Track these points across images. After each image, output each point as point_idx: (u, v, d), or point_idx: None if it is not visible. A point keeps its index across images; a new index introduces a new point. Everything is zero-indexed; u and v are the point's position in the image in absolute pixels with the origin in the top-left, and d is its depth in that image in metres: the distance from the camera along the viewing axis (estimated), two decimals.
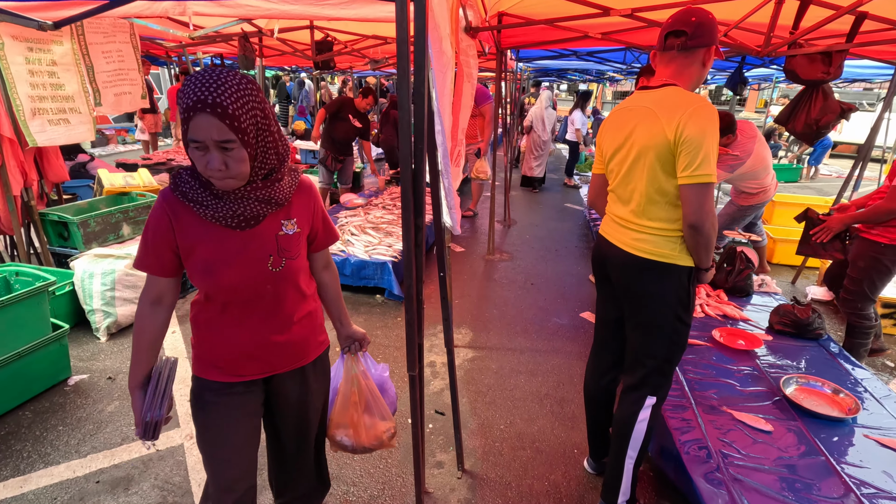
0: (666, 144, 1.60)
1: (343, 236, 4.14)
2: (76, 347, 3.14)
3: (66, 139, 3.87)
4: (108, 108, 4.28)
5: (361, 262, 3.82)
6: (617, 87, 19.91)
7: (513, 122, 7.94)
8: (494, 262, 4.91)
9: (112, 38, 4.24)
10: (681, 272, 1.71)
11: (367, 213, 4.85)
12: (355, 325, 1.68)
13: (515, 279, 4.46)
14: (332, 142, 5.48)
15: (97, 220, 3.92)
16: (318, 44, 4.57)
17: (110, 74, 4.25)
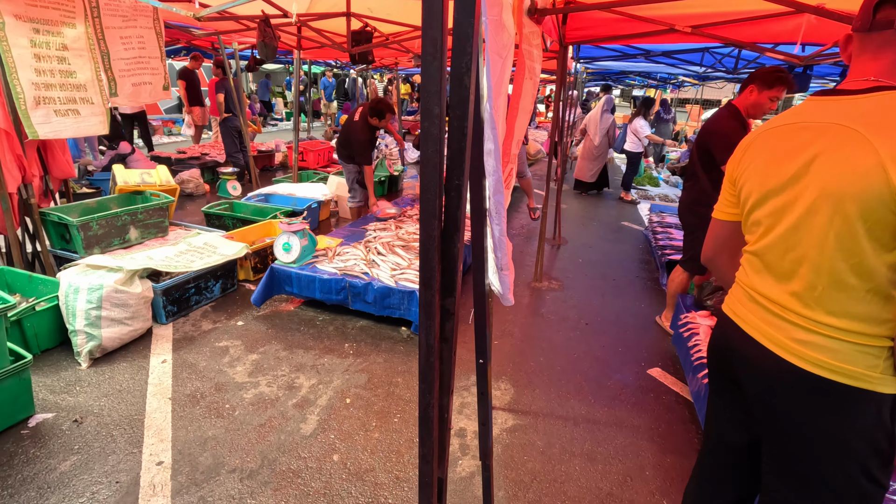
0: (883, 191, 0.92)
1: (368, 255, 3.58)
2: (51, 374, 2.72)
3: (74, 132, 3.50)
4: (124, 99, 3.90)
5: (386, 288, 3.25)
6: (678, 93, 18.60)
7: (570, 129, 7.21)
8: (542, 291, 4.23)
9: (132, 23, 3.85)
10: (881, 403, 1.02)
11: (399, 228, 4.28)
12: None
13: (566, 316, 3.77)
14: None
15: (100, 223, 3.54)
16: (354, 34, 4.04)
17: (129, 62, 3.87)
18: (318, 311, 3.61)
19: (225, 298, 3.76)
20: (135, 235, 3.80)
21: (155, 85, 4.13)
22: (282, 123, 16.21)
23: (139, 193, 4.20)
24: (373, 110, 4.39)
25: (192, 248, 3.79)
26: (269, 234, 4.68)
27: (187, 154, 7.59)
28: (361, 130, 4.48)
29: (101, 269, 2.98)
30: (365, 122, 4.48)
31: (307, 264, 3.54)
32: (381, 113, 4.39)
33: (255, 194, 5.77)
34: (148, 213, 3.85)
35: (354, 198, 5.14)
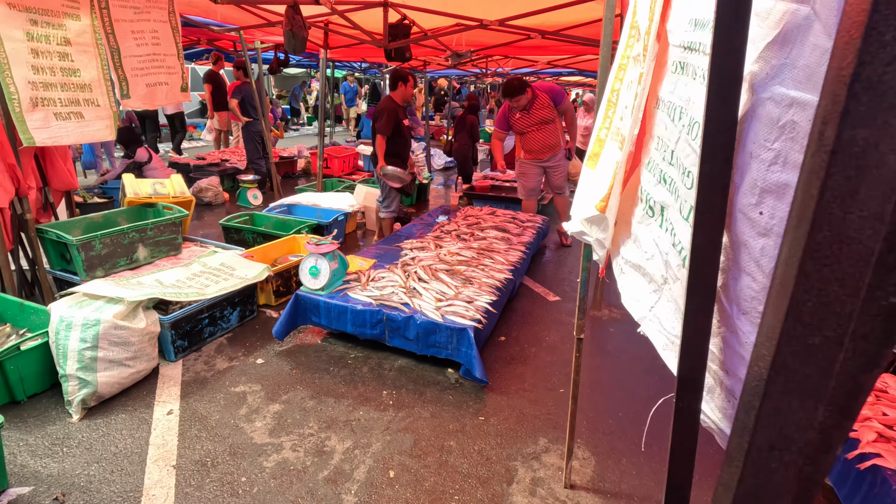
0: None
1: (408, 282, 3.07)
2: (36, 428, 2.26)
3: (77, 138, 3.07)
4: (136, 102, 3.48)
5: (431, 324, 2.73)
6: None
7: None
8: (602, 321, 3.67)
9: (145, 16, 3.43)
10: None
11: (439, 246, 3.77)
12: None
13: (638, 354, 3.20)
14: (402, 160, 4.50)
15: (104, 242, 3.10)
16: (391, 27, 3.56)
17: (142, 60, 3.45)
18: (350, 346, 3.11)
19: (243, 328, 3.29)
20: (144, 255, 3.36)
21: (172, 86, 3.71)
22: (303, 128, 15.93)
23: (150, 206, 3.78)
24: (392, 80, 4.14)
25: (206, 270, 3.34)
26: (292, 250, 4.22)
27: (206, 160, 7.22)
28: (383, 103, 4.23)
29: (99, 300, 2.53)
30: (388, 99, 4.26)
31: (337, 291, 3.05)
32: (396, 80, 4.10)
33: (276, 205, 5.33)
34: (159, 229, 3.41)
35: (389, 207, 4.67)
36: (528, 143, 4.86)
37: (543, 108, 4.58)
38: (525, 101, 4.49)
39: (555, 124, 4.71)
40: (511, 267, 3.51)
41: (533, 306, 3.83)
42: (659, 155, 0.90)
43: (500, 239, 4.05)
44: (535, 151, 4.88)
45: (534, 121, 4.66)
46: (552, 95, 4.57)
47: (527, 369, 2.96)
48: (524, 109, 4.59)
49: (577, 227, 1.30)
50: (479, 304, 2.89)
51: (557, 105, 4.60)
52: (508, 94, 4.47)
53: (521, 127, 4.76)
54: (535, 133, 4.74)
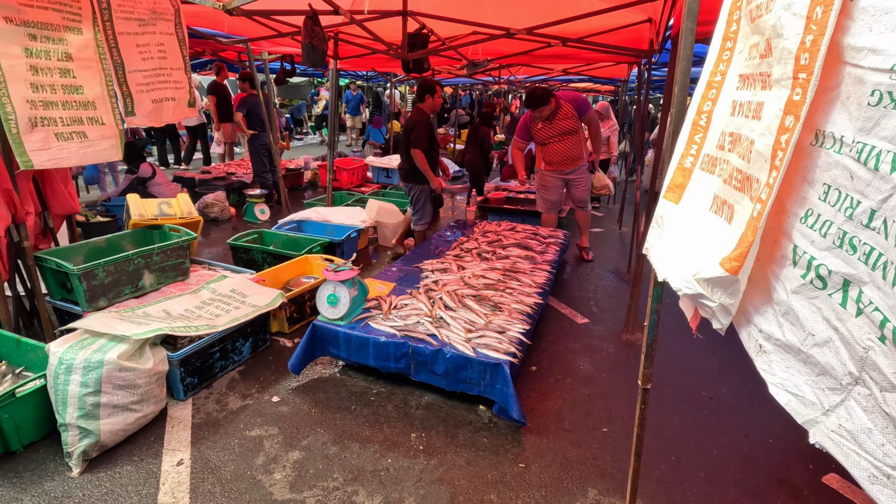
0: None
1: (434, 310, 2.84)
2: (31, 485, 2.04)
3: (80, 159, 2.87)
4: (143, 119, 3.29)
5: (462, 358, 2.51)
6: None
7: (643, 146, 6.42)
8: (636, 345, 3.44)
9: (151, 28, 3.25)
10: None
11: (462, 268, 3.55)
12: None
13: (683, 385, 2.97)
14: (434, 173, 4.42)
15: (108, 270, 2.89)
16: (410, 37, 3.36)
17: (148, 75, 3.26)
18: (371, 380, 2.89)
19: (256, 359, 3.08)
20: (150, 282, 3.15)
21: (179, 101, 3.52)
22: (307, 137, 15.79)
23: (156, 228, 3.57)
24: (419, 92, 4.11)
25: (216, 297, 3.13)
26: (304, 271, 4.02)
27: (212, 174, 7.04)
28: (415, 115, 4.21)
29: (102, 338, 2.32)
30: (418, 111, 4.22)
31: (358, 320, 2.84)
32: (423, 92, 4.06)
33: (285, 221, 5.13)
34: (165, 254, 3.20)
35: (422, 219, 4.61)
36: (549, 154, 4.66)
37: (567, 118, 4.39)
38: (549, 111, 4.31)
39: (578, 135, 4.51)
40: (539, 290, 3.29)
41: (562, 330, 3.61)
42: (834, 212, 0.69)
43: (524, 258, 3.83)
44: (556, 163, 4.68)
45: (556, 131, 4.47)
46: (576, 105, 4.38)
47: (563, 404, 2.74)
48: (547, 120, 4.40)
49: (688, 287, 1.08)
50: (513, 335, 2.67)
51: (581, 115, 4.40)
52: (531, 105, 4.29)
53: (542, 137, 4.56)
54: (557, 144, 4.54)
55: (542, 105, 4.25)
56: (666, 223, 1.30)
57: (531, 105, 4.29)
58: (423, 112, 4.19)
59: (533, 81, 8.09)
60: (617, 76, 7.06)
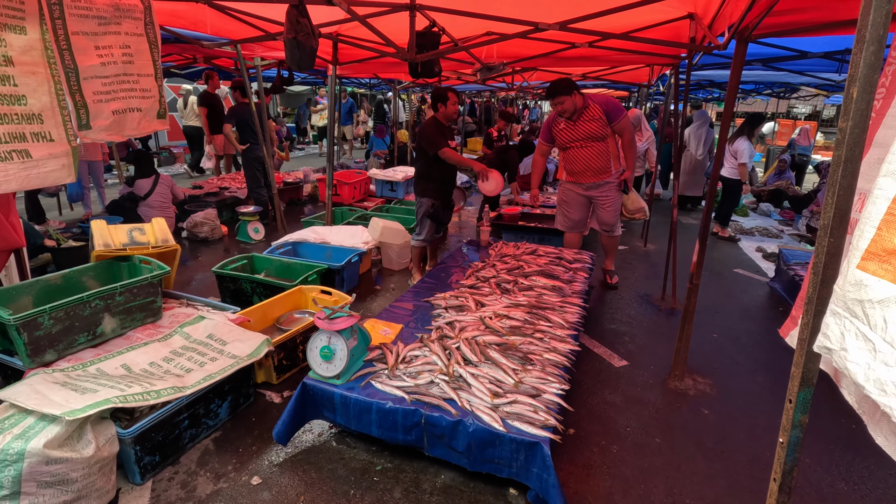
0: None
1: (452, 366, 2.32)
2: None
3: (22, 183, 2.38)
4: (101, 133, 2.79)
5: (488, 433, 1.99)
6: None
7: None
8: (689, 396, 2.90)
9: (114, 28, 2.77)
10: None
11: (479, 302, 3.03)
12: None
13: (755, 453, 2.43)
14: (441, 185, 3.99)
15: (56, 316, 2.38)
16: (419, 36, 2.87)
17: (108, 82, 2.78)
18: (375, 451, 2.37)
19: (236, 421, 2.56)
20: (111, 327, 2.65)
21: (146, 112, 3.02)
22: (308, 147, 15.36)
23: (124, 260, 3.08)
24: (433, 102, 3.80)
25: (190, 345, 2.62)
26: (297, 305, 3.51)
27: (204, 189, 6.57)
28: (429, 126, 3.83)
29: (29, 417, 1.81)
30: (433, 120, 3.86)
31: (358, 377, 2.32)
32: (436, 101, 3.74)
33: (280, 243, 4.63)
34: (131, 292, 2.70)
35: (420, 235, 4.16)
36: (569, 161, 4.13)
37: (592, 120, 3.85)
38: (570, 105, 3.76)
39: (605, 145, 3.97)
40: (573, 331, 2.77)
41: (598, 376, 3.08)
42: None
43: (550, 288, 3.31)
44: (576, 173, 4.15)
45: (578, 135, 3.93)
46: (606, 108, 3.82)
47: (614, 484, 2.20)
48: (570, 118, 3.88)
49: None
50: (550, 399, 2.15)
51: (612, 122, 3.86)
52: (549, 94, 3.78)
53: (563, 140, 4.04)
54: (579, 150, 4.01)
55: (561, 94, 3.72)
56: (880, 315, 0.77)
57: (549, 94, 3.79)
58: (436, 121, 3.80)
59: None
60: (635, 81, 6.56)
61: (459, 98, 3.83)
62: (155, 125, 3.06)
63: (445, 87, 3.63)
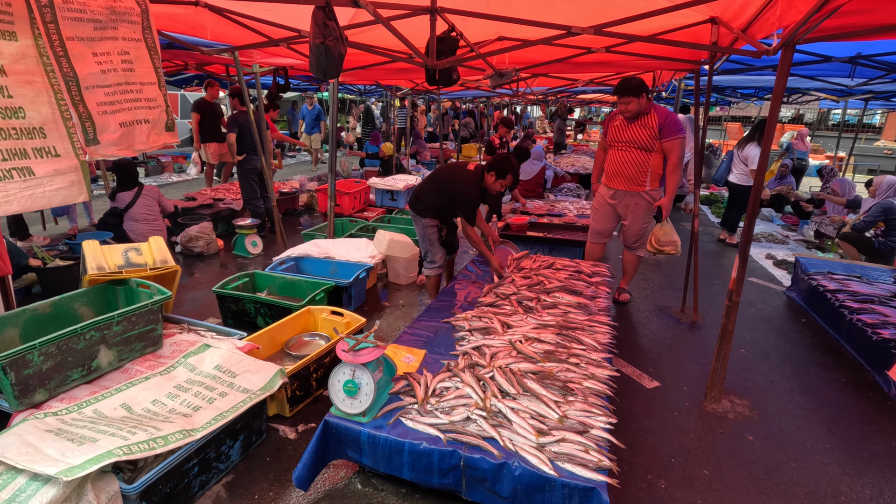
0: None
1: (488, 399, 2.12)
2: None
3: (26, 204, 2.18)
4: (110, 147, 2.55)
5: (537, 477, 1.80)
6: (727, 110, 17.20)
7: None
8: (728, 420, 2.74)
9: (111, 32, 2.54)
10: None
11: (506, 324, 2.84)
12: None
13: (815, 488, 2.27)
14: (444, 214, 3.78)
15: (47, 351, 2.15)
16: (438, 41, 2.70)
17: (111, 91, 2.55)
18: (405, 493, 2.17)
19: (248, 462, 2.33)
20: (108, 360, 2.41)
21: (154, 124, 2.79)
22: (300, 154, 15.08)
23: (121, 283, 2.84)
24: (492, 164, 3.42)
25: (196, 379, 2.40)
26: (306, 327, 3.30)
27: (197, 201, 6.30)
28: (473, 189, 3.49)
29: (19, 476, 1.58)
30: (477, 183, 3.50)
31: (385, 413, 2.11)
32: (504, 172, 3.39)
33: (282, 258, 4.40)
34: (130, 321, 2.47)
35: (434, 263, 3.80)
36: (609, 162, 3.97)
37: (645, 127, 3.67)
38: (635, 107, 3.61)
39: (646, 157, 3.72)
40: (608, 354, 2.60)
41: (632, 399, 2.91)
42: None
43: (575, 306, 3.14)
44: (609, 175, 3.99)
45: (626, 136, 3.76)
46: (663, 122, 3.59)
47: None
48: (629, 119, 3.73)
49: None
50: (599, 436, 1.97)
51: (664, 137, 3.61)
52: (619, 91, 3.63)
53: (611, 138, 3.89)
54: (619, 152, 3.85)
55: (630, 95, 3.57)
56: None
57: (619, 92, 3.63)
58: (479, 183, 3.48)
59: (554, 93, 7.49)
60: None
61: (514, 181, 3.49)
62: (164, 138, 2.84)
63: (509, 163, 3.35)
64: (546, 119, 20.65)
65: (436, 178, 3.64)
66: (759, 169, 2.50)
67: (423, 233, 3.73)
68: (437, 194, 3.57)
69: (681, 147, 3.68)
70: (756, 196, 2.51)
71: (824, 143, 16.76)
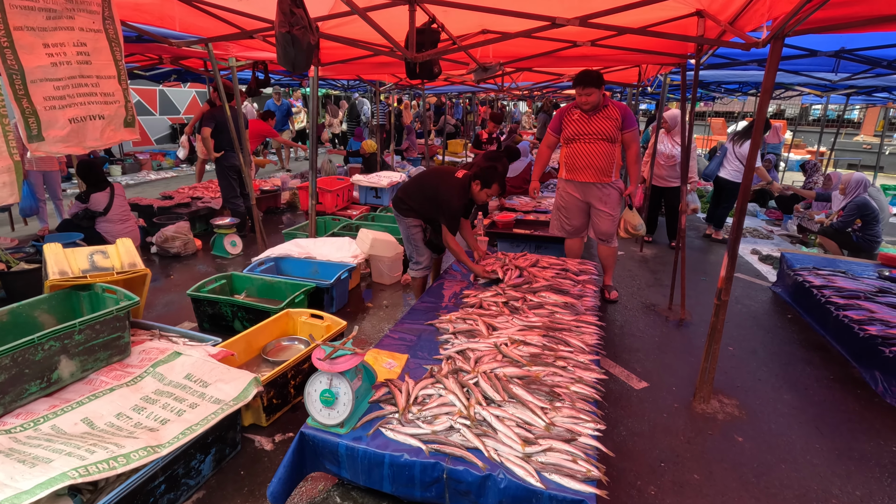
0: None
1: (472, 407, 2.03)
2: None
3: None
4: (56, 144, 2.40)
5: (524, 490, 1.72)
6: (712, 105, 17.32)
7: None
8: (718, 421, 2.69)
9: (66, 23, 2.39)
10: None
11: (491, 326, 2.75)
12: None
13: (806, 489, 2.22)
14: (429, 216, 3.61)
15: (1, 364, 2.00)
16: (418, 32, 2.59)
17: (62, 85, 2.39)
18: None
19: (221, 476, 2.22)
20: (69, 371, 2.27)
21: (110, 120, 2.63)
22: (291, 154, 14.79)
23: (85, 289, 2.69)
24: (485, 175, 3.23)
25: (164, 389, 2.27)
26: (285, 331, 3.18)
27: (174, 200, 6.11)
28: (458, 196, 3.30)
29: None
30: (463, 191, 3.32)
31: (365, 423, 2.02)
32: (489, 181, 3.22)
33: (261, 259, 4.27)
34: (93, 329, 2.33)
35: (420, 264, 3.68)
36: (571, 156, 3.90)
37: (609, 119, 3.66)
38: (596, 98, 3.61)
39: (612, 148, 3.75)
40: (595, 356, 2.53)
41: (621, 402, 2.84)
42: None
43: (562, 305, 3.07)
44: (576, 169, 3.91)
45: (591, 129, 3.72)
46: (624, 113, 3.67)
47: None
48: (589, 111, 3.69)
49: None
50: (587, 444, 1.89)
51: (625, 129, 3.68)
52: (581, 81, 3.58)
53: (572, 132, 3.82)
54: (585, 145, 3.79)
55: (592, 85, 3.55)
56: None
57: (580, 82, 3.58)
58: (465, 192, 3.30)
59: (539, 88, 7.40)
60: (623, 81, 6.40)
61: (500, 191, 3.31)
62: (122, 134, 2.68)
63: (495, 171, 3.18)
64: (533, 114, 20.64)
65: (422, 183, 3.50)
66: (747, 164, 2.44)
67: (407, 233, 3.61)
68: (423, 199, 3.44)
69: (638, 138, 3.82)
70: (745, 193, 2.45)
71: (805, 139, 16.97)
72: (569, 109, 3.88)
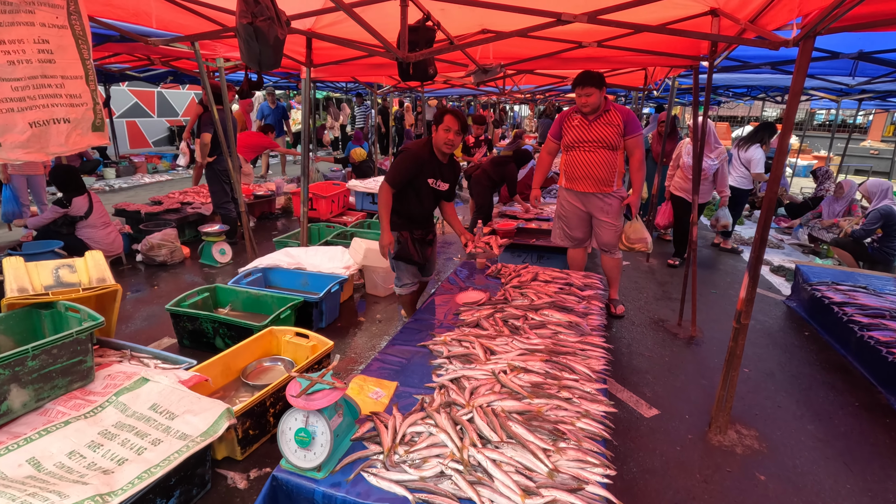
0: None
1: (466, 449, 1.80)
2: None
3: None
4: (15, 150, 2.19)
5: None
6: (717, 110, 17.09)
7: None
8: (737, 455, 2.46)
9: (24, 16, 2.18)
10: None
11: (489, 349, 2.53)
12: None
13: None
14: (409, 219, 3.20)
15: None
16: (411, 31, 2.37)
17: (21, 86, 2.18)
18: None
19: None
20: (22, 401, 2.05)
21: (76, 124, 2.41)
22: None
23: (47, 307, 2.47)
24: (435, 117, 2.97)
25: (126, 423, 2.05)
26: (268, 351, 2.96)
27: (163, 205, 5.90)
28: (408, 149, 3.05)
29: None
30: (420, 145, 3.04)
31: (345, 465, 1.79)
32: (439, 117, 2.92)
33: (248, 270, 4.05)
34: (49, 353, 2.11)
35: (401, 282, 3.43)
36: (571, 164, 3.67)
37: (610, 125, 3.45)
38: (596, 100, 3.38)
39: (613, 156, 3.54)
40: (603, 384, 2.30)
41: (630, 432, 2.61)
42: None
43: (566, 326, 2.84)
44: (575, 179, 3.68)
45: (591, 136, 3.50)
46: (626, 118, 3.44)
47: None
48: (588, 115, 3.48)
49: None
50: (595, 493, 1.66)
51: (628, 135, 3.46)
52: (580, 82, 3.37)
53: (572, 138, 3.60)
54: (585, 153, 3.57)
55: (592, 85, 3.33)
56: None
57: (580, 82, 3.37)
58: (417, 146, 2.99)
59: (542, 92, 7.20)
60: (629, 84, 6.18)
61: (460, 124, 2.86)
62: (90, 139, 2.46)
63: (444, 108, 2.84)
64: (535, 118, 20.42)
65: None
66: (772, 175, 2.21)
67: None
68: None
69: (643, 143, 3.57)
70: (769, 206, 2.23)
71: (811, 144, 16.72)
72: (569, 114, 3.66)
